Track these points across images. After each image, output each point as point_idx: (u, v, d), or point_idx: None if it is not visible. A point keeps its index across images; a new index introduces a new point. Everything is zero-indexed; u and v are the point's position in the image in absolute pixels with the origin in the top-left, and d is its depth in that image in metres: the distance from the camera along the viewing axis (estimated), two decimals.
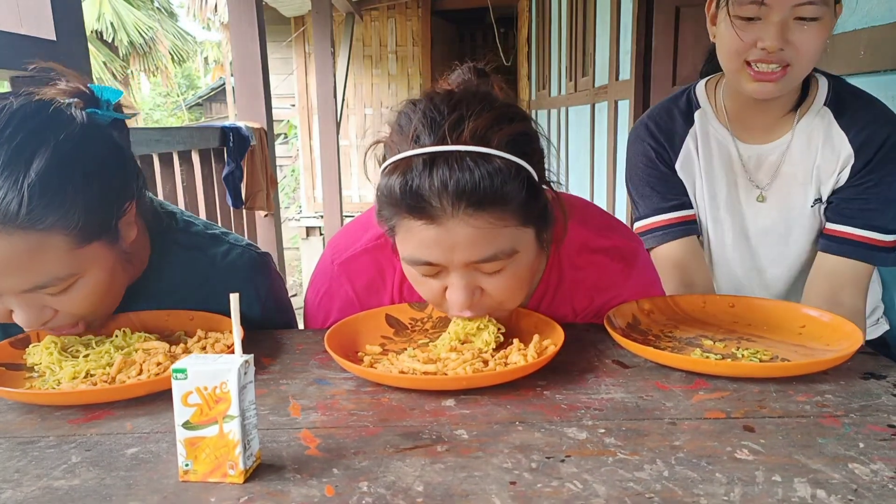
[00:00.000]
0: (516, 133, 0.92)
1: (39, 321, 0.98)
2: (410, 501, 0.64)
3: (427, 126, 0.91)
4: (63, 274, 0.94)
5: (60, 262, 0.93)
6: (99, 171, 0.97)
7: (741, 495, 0.64)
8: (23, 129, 0.90)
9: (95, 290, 1.00)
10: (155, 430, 0.81)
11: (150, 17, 16.65)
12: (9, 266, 0.90)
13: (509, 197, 0.90)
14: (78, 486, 0.69)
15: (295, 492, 0.67)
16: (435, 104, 0.93)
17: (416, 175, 0.88)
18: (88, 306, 1.01)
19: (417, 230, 0.91)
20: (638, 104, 3.86)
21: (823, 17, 1.21)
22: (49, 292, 0.95)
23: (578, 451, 0.74)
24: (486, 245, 0.92)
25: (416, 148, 0.89)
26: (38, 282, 0.93)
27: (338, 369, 0.99)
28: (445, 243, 0.91)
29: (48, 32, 1.55)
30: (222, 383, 0.68)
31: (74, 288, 0.97)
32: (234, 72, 3.77)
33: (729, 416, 0.82)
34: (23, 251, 0.89)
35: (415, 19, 9.16)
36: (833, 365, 0.90)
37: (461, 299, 0.96)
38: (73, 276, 0.96)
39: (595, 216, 1.22)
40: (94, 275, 0.98)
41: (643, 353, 0.97)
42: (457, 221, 0.89)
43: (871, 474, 0.67)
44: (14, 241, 0.88)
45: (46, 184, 0.89)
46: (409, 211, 0.90)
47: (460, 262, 0.93)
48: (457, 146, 0.88)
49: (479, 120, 0.90)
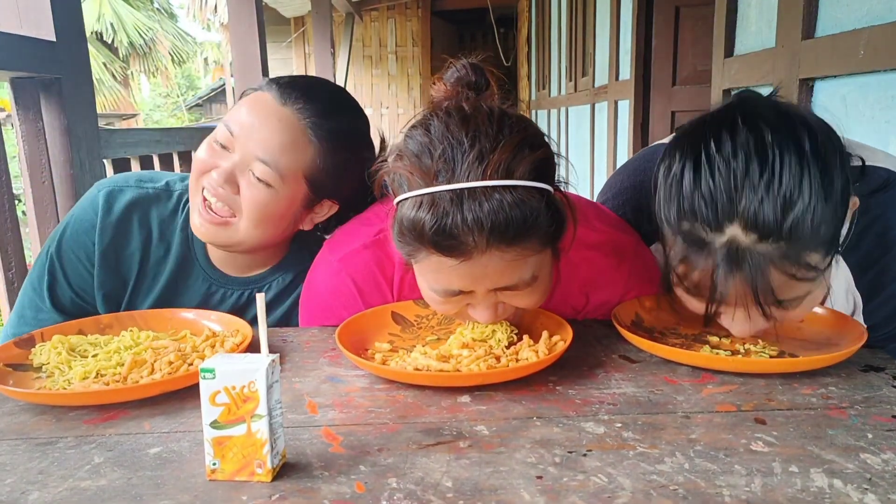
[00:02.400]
0: (537, 160, 0.93)
1: (224, 186, 1.15)
2: (441, 496, 0.66)
3: (449, 161, 0.90)
4: (284, 170, 1.15)
5: (293, 163, 1.16)
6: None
7: (762, 486, 0.66)
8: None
9: (267, 203, 1.17)
10: (174, 430, 0.81)
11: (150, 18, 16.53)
12: (271, 134, 1.15)
13: (537, 227, 0.91)
14: (105, 487, 0.69)
15: (325, 489, 0.68)
16: (452, 134, 0.91)
17: (445, 213, 0.87)
18: (253, 210, 1.16)
19: (448, 266, 0.91)
20: (638, 104, 3.90)
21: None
22: (258, 171, 1.14)
23: (599, 445, 0.75)
24: (513, 273, 0.94)
25: (438, 183, 0.89)
26: (269, 155, 1.15)
27: (349, 366, 1.00)
28: (476, 275, 0.92)
29: (48, 33, 1.54)
30: (250, 382, 0.68)
31: (264, 189, 1.16)
32: (234, 72, 3.75)
33: (739, 409, 0.84)
34: (291, 131, 1.17)
35: (415, 20, 9.16)
36: (843, 359, 0.93)
37: (488, 318, 1.00)
38: (280, 179, 1.15)
39: (588, 211, 1.22)
40: (278, 196, 1.17)
41: (659, 351, 0.98)
42: (489, 255, 0.90)
43: (883, 464, 0.70)
44: (292, 121, 1.16)
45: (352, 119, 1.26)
46: (439, 248, 0.89)
47: (486, 289, 0.95)
48: (483, 182, 0.88)
49: (501, 152, 0.89)
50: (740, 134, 0.88)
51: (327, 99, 1.22)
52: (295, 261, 1.33)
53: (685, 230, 0.90)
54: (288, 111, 1.16)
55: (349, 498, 0.66)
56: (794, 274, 0.86)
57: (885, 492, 0.65)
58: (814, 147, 0.85)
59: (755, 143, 0.87)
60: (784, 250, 0.85)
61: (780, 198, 0.83)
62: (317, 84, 1.25)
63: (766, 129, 0.87)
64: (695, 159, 0.90)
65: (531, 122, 1.02)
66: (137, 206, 1.26)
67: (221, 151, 1.17)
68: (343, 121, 1.22)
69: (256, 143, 1.14)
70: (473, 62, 1.06)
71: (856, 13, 1.72)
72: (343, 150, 1.21)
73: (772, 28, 2.15)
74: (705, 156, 0.88)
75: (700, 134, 0.92)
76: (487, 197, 0.87)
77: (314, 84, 1.24)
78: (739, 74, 2.43)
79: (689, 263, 0.92)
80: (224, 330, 1.12)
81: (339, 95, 1.29)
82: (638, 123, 3.96)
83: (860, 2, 1.71)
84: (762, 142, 0.87)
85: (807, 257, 0.86)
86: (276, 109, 1.16)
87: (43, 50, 1.52)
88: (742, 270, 0.86)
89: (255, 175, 1.14)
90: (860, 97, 1.74)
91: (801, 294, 0.90)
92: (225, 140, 1.16)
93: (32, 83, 1.64)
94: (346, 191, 1.25)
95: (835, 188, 0.86)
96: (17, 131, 1.71)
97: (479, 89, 1.03)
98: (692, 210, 0.88)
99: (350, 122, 1.24)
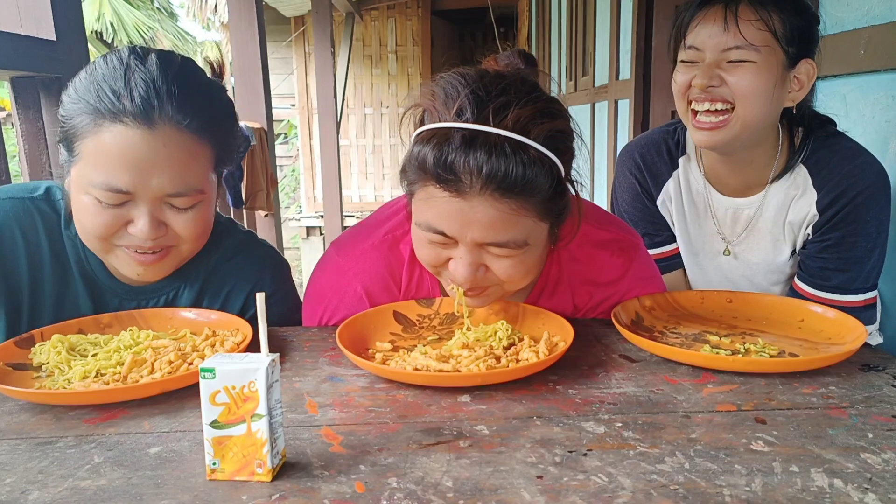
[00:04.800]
0: (556, 130, 0.95)
1: (155, 234, 1.07)
2: (441, 496, 0.65)
3: (473, 102, 0.92)
4: (198, 187, 1.07)
5: (201, 175, 1.08)
6: (236, 125, 1.18)
7: (762, 486, 0.66)
8: (199, 70, 1.13)
9: (204, 217, 1.12)
10: (174, 429, 0.81)
11: (150, 18, 16.54)
12: (168, 163, 1.03)
13: (536, 189, 0.92)
14: (106, 486, 0.69)
15: (325, 489, 0.67)
16: (485, 83, 0.95)
17: (453, 150, 0.90)
18: (194, 231, 1.11)
19: (440, 199, 0.93)
20: (638, 103, 3.90)
21: (757, 62, 1.25)
22: (179, 203, 1.07)
23: (599, 444, 0.75)
24: (503, 230, 0.94)
25: (458, 121, 0.92)
26: (180, 188, 1.05)
27: (349, 366, 1.00)
28: (464, 218, 0.93)
29: (48, 33, 1.54)
30: (250, 382, 0.68)
31: (196, 209, 1.09)
32: (234, 72, 3.75)
33: (740, 408, 0.84)
34: (182, 151, 1.04)
35: (415, 19, 9.16)
36: (844, 359, 0.93)
37: (465, 274, 0.98)
38: (201, 194, 1.09)
39: (593, 210, 1.24)
40: (208, 201, 1.12)
41: (659, 350, 0.98)
42: (481, 200, 0.91)
43: (884, 463, 0.70)
44: (181, 138, 1.04)
45: (217, 110, 1.11)
46: (437, 180, 0.92)
47: (472, 240, 0.95)
48: (498, 129, 0.90)
49: (524, 109, 0.92)
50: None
51: (185, 84, 1.06)
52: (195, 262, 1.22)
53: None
54: (162, 131, 1.02)
55: (349, 498, 0.66)
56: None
57: (886, 491, 0.65)
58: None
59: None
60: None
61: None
62: (166, 73, 1.05)
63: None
64: None
65: (560, 102, 1.03)
66: (20, 219, 1.14)
67: (120, 207, 1.04)
68: (208, 96, 1.11)
69: (158, 186, 1.03)
70: (526, 51, 1.08)
71: (856, 13, 1.72)
72: (223, 123, 1.13)
73: None
74: None
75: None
76: (496, 145, 0.89)
77: (165, 76, 1.04)
78: None
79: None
80: (224, 329, 1.12)
81: (188, 68, 1.10)
82: (638, 123, 3.96)
83: (861, 1, 1.71)
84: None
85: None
86: (149, 140, 1.01)
87: (43, 49, 1.52)
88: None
89: (178, 206, 1.07)
90: (860, 97, 1.74)
91: (746, 58, 1.25)
92: (115, 200, 1.03)
93: (32, 82, 1.64)
94: (232, 148, 1.18)
95: None
96: (17, 130, 1.71)
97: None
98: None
99: (212, 90, 1.12)
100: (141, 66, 1.04)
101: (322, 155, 6.99)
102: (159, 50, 1.09)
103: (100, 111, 1.01)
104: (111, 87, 1.02)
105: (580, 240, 1.17)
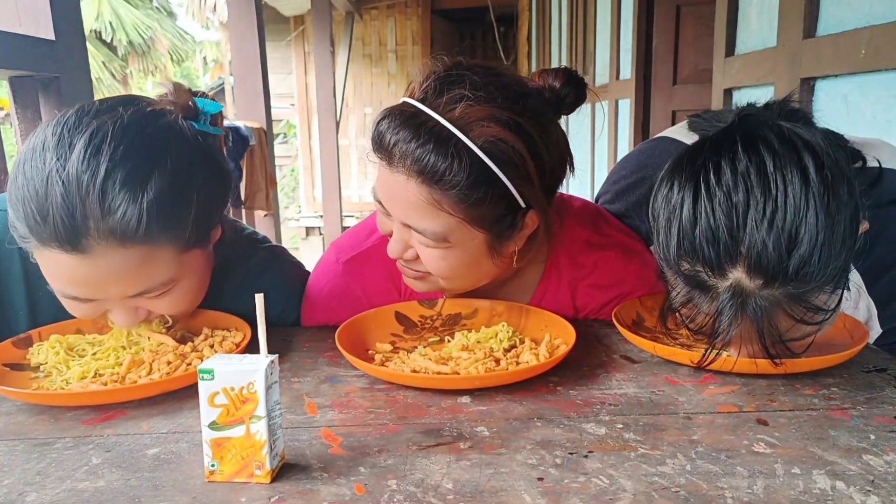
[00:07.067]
0: (505, 142, 0.92)
1: (135, 321, 1.02)
2: (441, 498, 0.65)
3: (436, 88, 0.94)
4: (166, 279, 0.97)
5: (165, 269, 0.96)
6: (206, 185, 0.98)
7: (764, 488, 0.66)
8: (139, 145, 0.90)
9: (189, 292, 1.03)
10: (172, 431, 0.81)
11: (149, 17, 16.52)
12: (120, 275, 0.92)
13: (455, 186, 0.92)
14: (104, 488, 0.68)
15: (325, 491, 0.67)
16: (459, 74, 0.95)
17: (392, 123, 0.93)
18: (180, 307, 1.04)
19: (382, 170, 0.97)
20: (638, 103, 3.90)
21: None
22: (149, 297, 0.97)
23: (600, 446, 0.75)
24: (420, 216, 0.95)
25: (415, 98, 0.95)
26: (143, 288, 0.96)
27: (348, 367, 1.00)
28: (391, 192, 0.97)
29: (47, 32, 1.54)
30: (249, 384, 0.68)
31: (172, 291, 0.99)
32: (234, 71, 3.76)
33: (741, 409, 0.84)
34: (135, 262, 0.92)
35: (414, 18, 9.16)
36: (845, 360, 0.93)
37: (391, 247, 1.03)
38: (174, 281, 0.98)
39: (596, 217, 1.23)
40: (190, 278, 1.02)
41: (660, 351, 0.98)
42: (407, 180, 0.93)
43: (886, 465, 0.69)
44: (129, 253, 0.90)
45: (164, 202, 0.90)
46: (373, 148, 0.97)
47: (397, 216, 0.99)
48: (438, 116, 0.92)
49: (476, 108, 0.92)
50: (741, 162, 0.83)
51: (121, 189, 0.87)
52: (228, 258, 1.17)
53: (686, 270, 0.87)
54: (98, 252, 0.88)
55: (349, 499, 0.66)
56: (802, 317, 0.83)
57: (888, 493, 0.65)
58: (819, 175, 0.80)
59: (756, 173, 0.82)
60: (791, 293, 0.81)
61: (784, 235, 0.79)
62: (93, 178, 0.86)
63: (768, 155, 0.82)
64: (694, 190, 0.85)
65: (549, 127, 1.00)
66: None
67: (93, 301, 0.97)
68: (158, 187, 0.90)
69: (117, 293, 0.95)
70: (577, 74, 1.05)
71: (857, 12, 1.72)
72: (185, 206, 0.94)
73: (773, 27, 2.15)
74: (705, 187, 0.84)
75: (699, 161, 0.86)
76: (430, 129, 0.91)
77: (91, 184, 0.86)
78: (740, 74, 2.42)
79: (692, 307, 0.89)
80: (223, 330, 1.11)
81: (129, 154, 0.89)
82: (638, 122, 3.96)
83: (861, 1, 1.70)
84: (764, 170, 0.82)
85: (815, 299, 0.82)
86: (88, 262, 0.89)
87: (42, 48, 1.52)
88: (747, 315, 0.83)
89: (149, 298, 0.98)
90: (861, 97, 1.73)
91: (809, 332, 0.86)
92: (88, 311, 0.98)
93: (31, 82, 1.64)
94: (214, 209, 1.04)
95: (843, 218, 0.81)
96: (16, 130, 1.70)
97: (560, 97, 1.03)
98: (693, 249, 0.84)
99: (164, 171, 0.91)
100: (60, 176, 0.85)
101: (321, 155, 7.00)
102: (96, 126, 0.88)
103: (29, 229, 0.89)
104: (33, 208, 0.87)
105: (583, 245, 1.16)
